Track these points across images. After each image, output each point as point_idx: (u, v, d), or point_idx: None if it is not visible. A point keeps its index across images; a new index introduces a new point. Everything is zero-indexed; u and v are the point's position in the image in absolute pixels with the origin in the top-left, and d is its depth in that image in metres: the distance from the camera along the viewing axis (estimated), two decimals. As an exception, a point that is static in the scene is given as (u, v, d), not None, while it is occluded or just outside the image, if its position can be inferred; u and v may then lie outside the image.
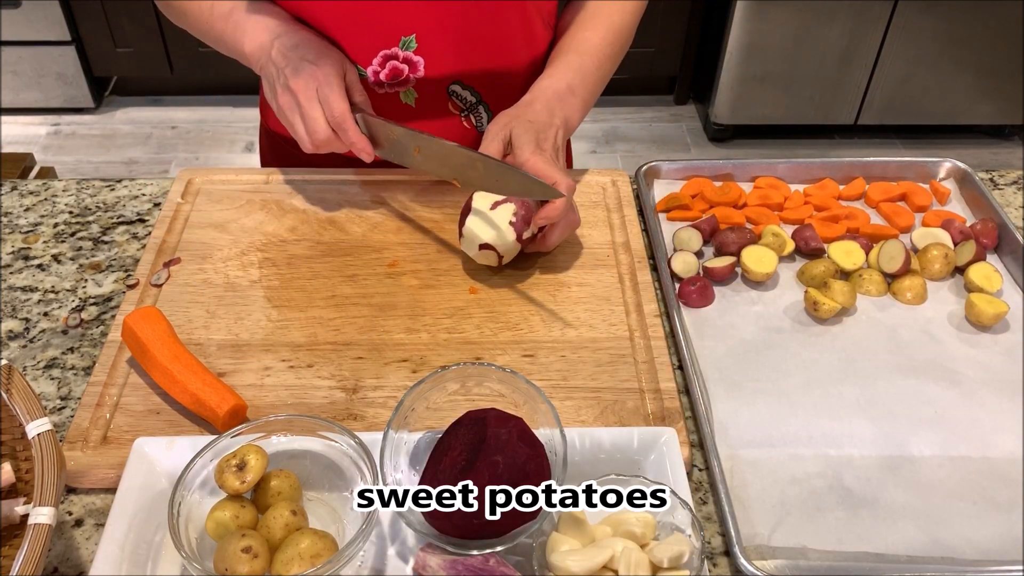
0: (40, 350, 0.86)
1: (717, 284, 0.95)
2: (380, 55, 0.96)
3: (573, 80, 0.98)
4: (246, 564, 0.61)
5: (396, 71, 0.97)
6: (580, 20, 1.03)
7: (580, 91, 0.99)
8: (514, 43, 1.01)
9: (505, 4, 0.96)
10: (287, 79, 0.89)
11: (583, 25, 1.03)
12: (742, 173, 1.10)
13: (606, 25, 1.03)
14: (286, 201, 1.03)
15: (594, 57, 1.01)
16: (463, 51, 0.98)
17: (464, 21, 0.95)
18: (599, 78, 1.02)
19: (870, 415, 0.81)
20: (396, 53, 0.96)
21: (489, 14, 0.96)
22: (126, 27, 2.84)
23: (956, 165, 1.09)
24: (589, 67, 1.01)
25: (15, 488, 0.68)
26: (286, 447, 0.71)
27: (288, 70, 0.89)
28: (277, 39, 0.93)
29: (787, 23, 2.64)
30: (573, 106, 0.97)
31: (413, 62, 0.97)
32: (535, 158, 0.87)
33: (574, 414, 0.79)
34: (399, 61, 0.97)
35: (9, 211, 1.04)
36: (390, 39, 0.95)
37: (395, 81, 0.98)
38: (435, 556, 0.65)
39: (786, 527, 0.72)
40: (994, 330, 0.90)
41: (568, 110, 0.97)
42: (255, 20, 0.96)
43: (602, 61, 1.02)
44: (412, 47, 0.95)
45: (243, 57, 0.97)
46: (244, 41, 0.96)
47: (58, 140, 2.95)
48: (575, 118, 0.99)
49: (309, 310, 0.89)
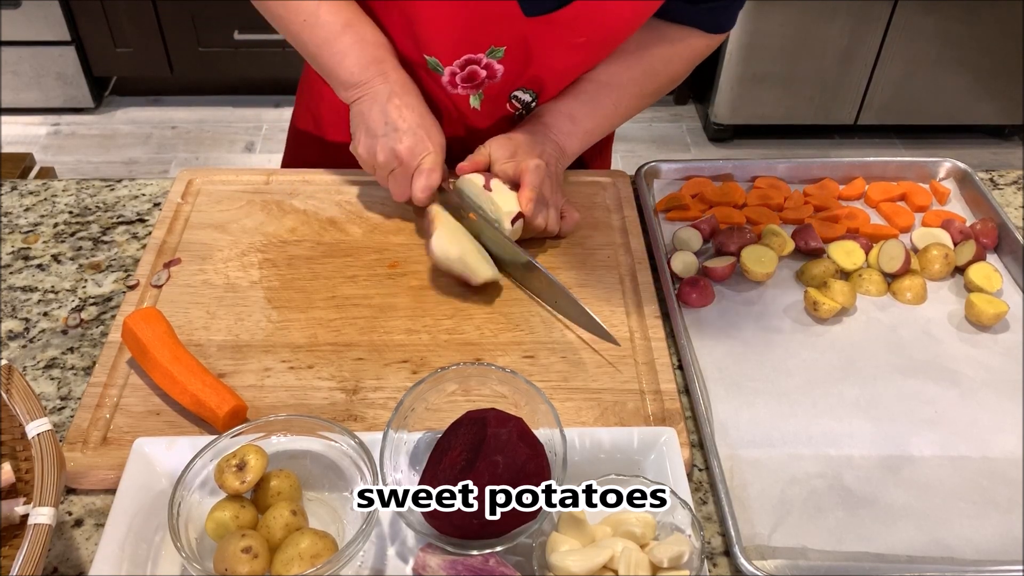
0: (40, 350, 0.86)
1: (717, 284, 0.95)
2: (464, 57, 0.95)
3: (579, 111, 0.99)
4: (246, 564, 0.61)
5: (473, 74, 0.96)
6: (622, 52, 1.01)
7: (585, 122, 1.00)
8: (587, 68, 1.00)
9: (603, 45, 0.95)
10: (396, 143, 0.90)
11: (621, 59, 1.01)
12: (742, 173, 1.10)
13: (644, 67, 1.01)
14: (286, 202, 1.03)
15: (615, 93, 1.01)
16: (542, 70, 0.97)
17: (555, 49, 0.94)
18: (615, 113, 1.02)
19: (870, 415, 0.81)
20: (480, 59, 0.95)
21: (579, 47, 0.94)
22: (126, 27, 2.84)
23: (956, 165, 1.09)
24: (605, 101, 1.00)
25: (15, 488, 0.68)
26: (286, 447, 0.71)
27: (400, 134, 0.90)
28: (390, 85, 0.92)
29: (787, 23, 2.64)
30: (569, 132, 0.99)
31: (493, 69, 0.96)
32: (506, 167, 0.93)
33: (574, 415, 0.79)
34: (480, 66, 0.95)
35: (9, 211, 1.04)
36: (480, 46, 0.94)
37: (469, 83, 0.97)
38: (435, 556, 0.65)
39: (786, 527, 0.72)
40: (994, 330, 0.90)
41: (561, 136, 0.98)
42: (363, 49, 0.93)
43: (623, 99, 1.01)
44: (498, 56, 0.94)
45: (340, 82, 0.94)
46: (349, 73, 0.93)
47: (58, 140, 2.95)
48: (569, 145, 1.00)
49: (309, 311, 0.89)
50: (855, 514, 0.73)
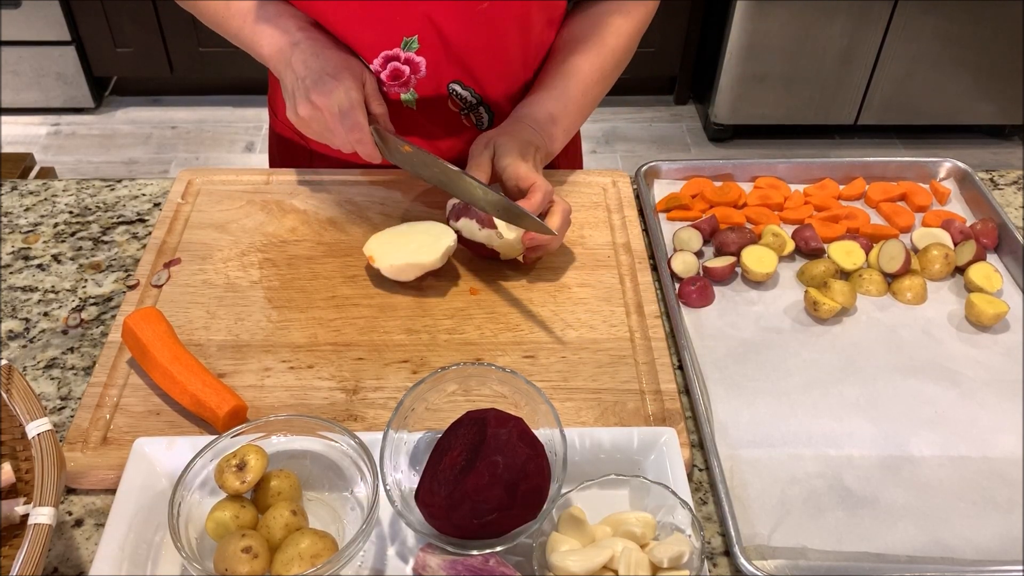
0: (40, 350, 0.86)
1: (717, 284, 0.95)
2: (381, 56, 0.96)
3: (555, 108, 0.99)
4: (246, 564, 0.61)
5: (397, 72, 0.97)
6: (574, 41, 1.02)
7: (562, 120, 1.00)
8: (513, 47, 1.00)
9: (506, 6, 0.96)
10: (308, 92, 0.88)
11: (575, 47, 1.02)
12: (742, 173, 1.10)
13: (597, 49, 1.02)
14: (286, 202, 1.03)
15: (581, 83, 1.01)
16: (464, 53, 0.97)
17: (465, 23, 0.95)
18: (585, 103, 1.03)
19: (870, 415, 0.81)
20: (398, 54, 0.96)
21: (490, 18, 0.95)
22: (126, 27, 2.84)
23: (956, 165, 1.09)
24: (574, 93, 1.01)
25: (15, 488, 0.68)
26: (286, 447, 0.71)
27: (309, 82, 0.88)
28: (296, 46, 0.92)
29: (787, 23, 2.64)
30: (553, 135, 0.99)
31: (415, 63, 0.97)
32: (518, 162, 0.91)
33: (574, 415, 0.79)
34: (400, 62, 0.96)
35: (9, 211, 1.04)
36: (392, 39, 0.95)
37: (396, 82, 0.98)
38: (435, 556, 0.65)
39: (786, 527, 0.72)
40: (994, 330, 0.90)
41: (547, 138, 0.98)
42: (272, 22, 0.95)
43: (589, 87, 1.02)
44: (414, 48, 0.95)
45: (260, 58, 0.97)
46: (262, 43, 0.95)
47: (58, 140, 2.95)
48: (555, 146, 1.00)
49: (309, 311, 0.89)
50: (855, 514, 0.73)
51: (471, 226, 0.90)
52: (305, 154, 1.13)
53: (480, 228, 0.89)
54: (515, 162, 0.91)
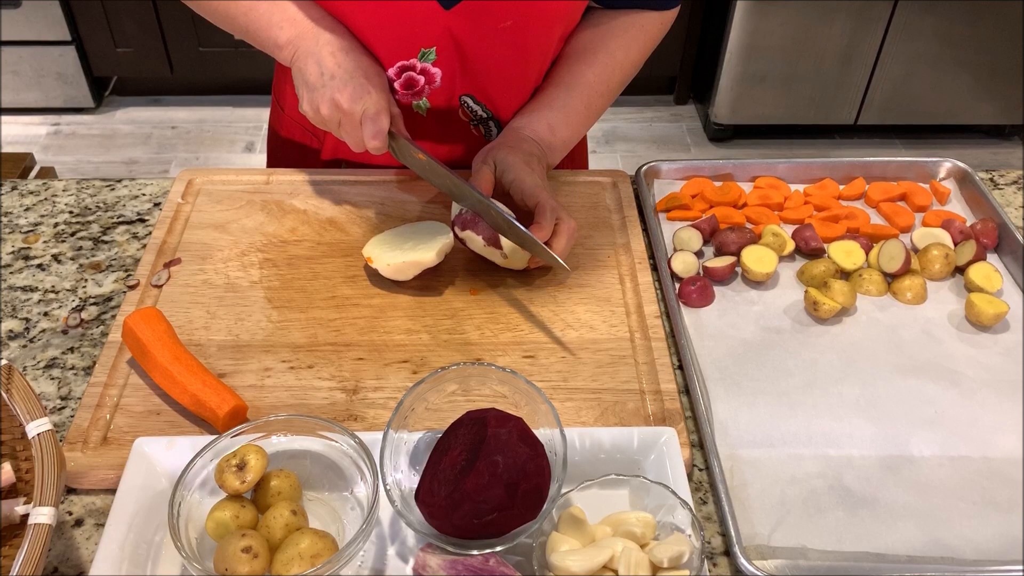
0: (40, 350, 0.86)
1: (717, 284, 0.95)
2: (397, 65, 0.95)
3: (555, 120, 0.99)
4: (246, 564, 0.61)
5: (411, 81, 0.96)
6: (583, 51, 1.01)
7: (561, 131, 0.99)
8: (530, 66, 1.00)
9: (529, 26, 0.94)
10: (335, 91, 0.86)
11: (582, 58, 1.01)
12: (742, 173, 1.10)
13: (605, 62, 1.01)
14: (287, 202, 1.03)
15: (585, 95, 1.00)
16: (480, 69, 0.97)
17: (486, 40, 0.94)
18: (587, 116, 1.02)
19: (870, 415, 0.81)
20: (414, 64, 0.95)
21: (511, 37, 0.94)
22: (126, 27, 2.84)
23: (956, 165, 1.09)
24: (577, 105, 1.00)
25: (15, 488, 0.68)
26: (286, 447, 0.71)
27: (338, 81, 0.87)
28: (322, 35, 0.89)
29: (787, 23, 2.64)
30: (552, 146, 0.99)
31: (430, 74, 0.95)
32: (523, 178, 0.91)
33: (574, 415, 0.79)
34: (415, 72, 0.95)
35: (9, 211, 1.04)
36: (410, 49, 0.94)
37: (409, 91, 0.97)
38: (435, 556, 0.65)
39: (786, 527, 0.72)
40: (994, 330, 0.90)
41: (547, 149, 0.98)
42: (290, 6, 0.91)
43: (592, 99, 1.01)
44: (431, 59, 0.94)
45: (272, 42, 0.92)
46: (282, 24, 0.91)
47: (58, 140, 2.95)
48: (554, 157, 1.00)
49: (309, 311, 0.89)
50: (855, 514, 0.73)
51: (476, 240, 0.89)
52: (304, 155, 1.13)
53: (485, 245, 0.89)
54: (520, 177, 0.91)
